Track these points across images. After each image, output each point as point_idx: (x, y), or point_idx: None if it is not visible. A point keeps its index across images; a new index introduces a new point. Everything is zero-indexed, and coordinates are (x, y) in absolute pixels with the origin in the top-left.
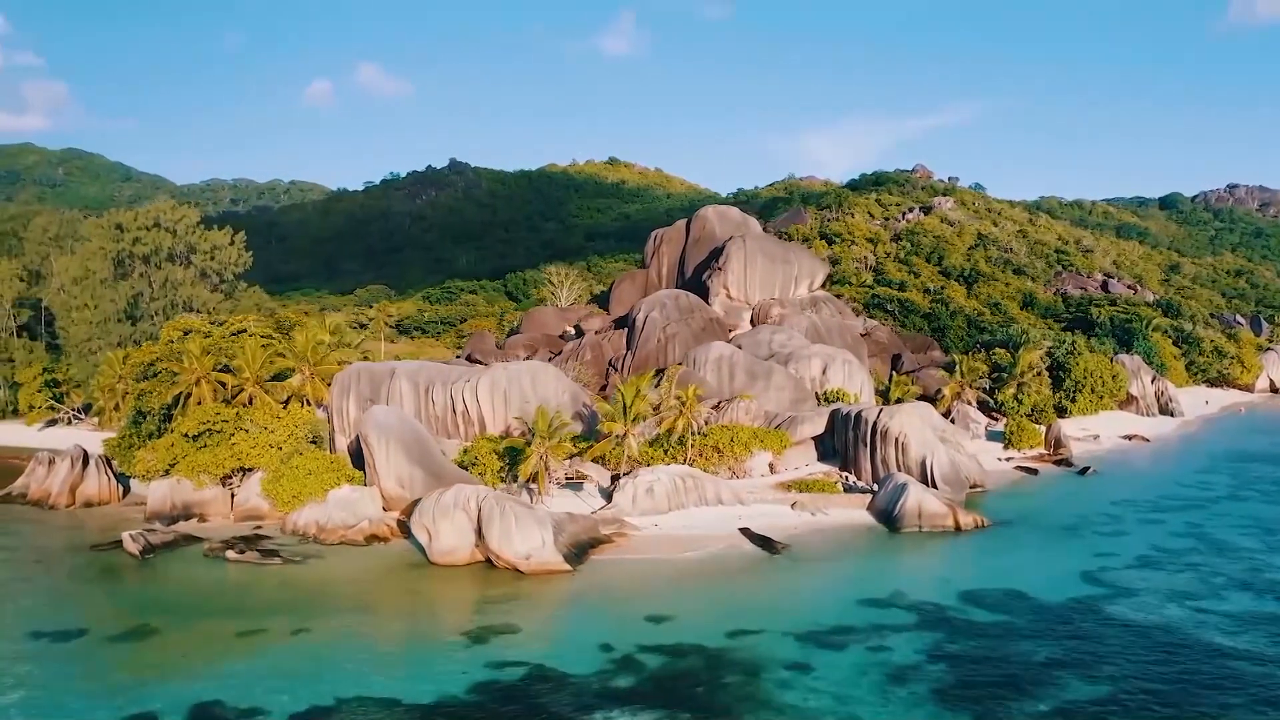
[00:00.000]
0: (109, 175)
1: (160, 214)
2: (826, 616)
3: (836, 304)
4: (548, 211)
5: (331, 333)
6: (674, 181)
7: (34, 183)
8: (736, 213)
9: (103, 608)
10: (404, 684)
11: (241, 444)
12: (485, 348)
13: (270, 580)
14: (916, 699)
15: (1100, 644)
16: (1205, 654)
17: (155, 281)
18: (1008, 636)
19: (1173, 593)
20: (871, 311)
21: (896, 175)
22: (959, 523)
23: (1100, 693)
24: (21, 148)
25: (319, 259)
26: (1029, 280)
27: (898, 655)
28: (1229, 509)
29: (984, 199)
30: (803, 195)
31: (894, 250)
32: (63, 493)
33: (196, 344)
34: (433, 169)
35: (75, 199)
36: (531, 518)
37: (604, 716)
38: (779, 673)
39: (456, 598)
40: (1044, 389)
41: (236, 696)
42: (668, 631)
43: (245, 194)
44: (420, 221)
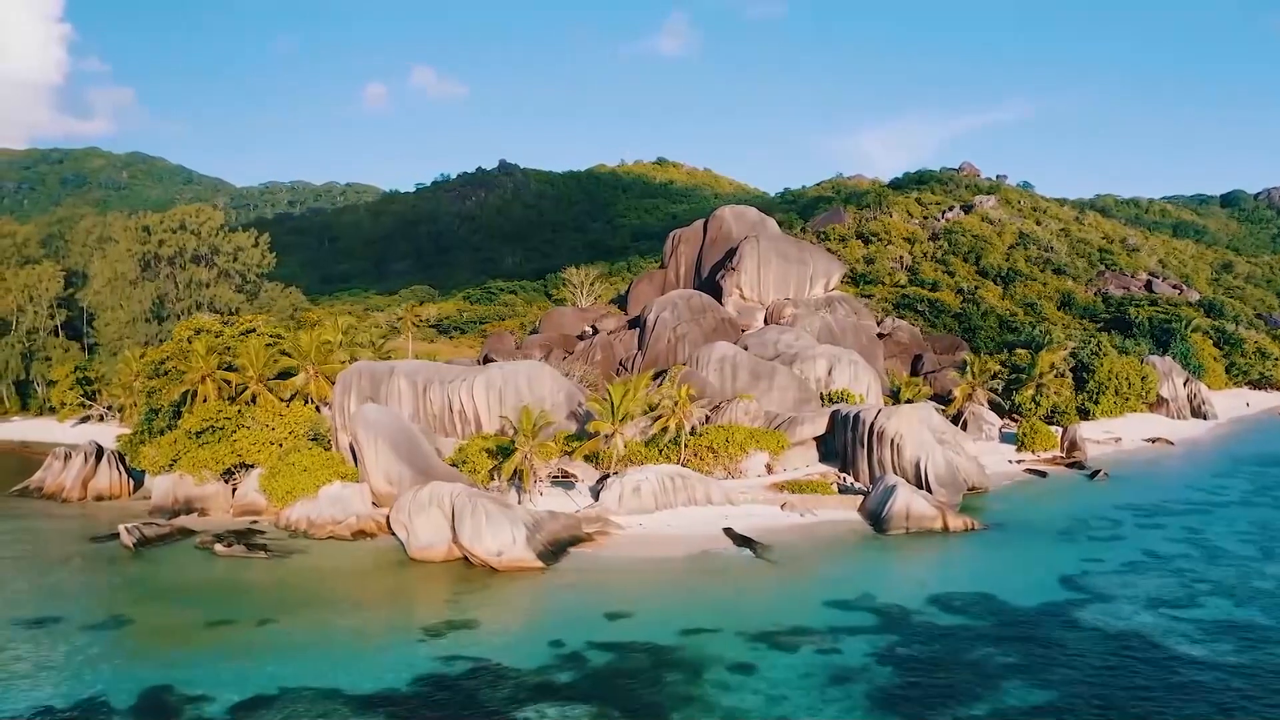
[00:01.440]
0: (171, 178)
1: (185, 216)
2: (787, 617)
3: (852, 304)
4: (595, 212)
5: (344, 333)
6: (722, 181)
7: (99, 186)
8: (754, 213)
9: (84, 597)
10: (349, 675)
11: (242, 441)
12: (503, 348)
13: (253, 573)
14: (852, 702)
15: (1058, 649)
16: (1164, 661)
17: (180, 282)
18: (966, 640)
19: (1150, 599)
20: (901, 311)
21: (941, 174)
22: (948, 525)
23: (1043, 698)
24: (87, 152)
25: (369, 260)
26: (1069, 280)
27: (847, 658)
28: (1235, 514)
29: (1031, 197)
30: (848, 194)
31: (931, 249)
32: (75, 487)
33: (202, 343)
34: (482, 170)
35: (138, 201)
36: (502, 515)
37: (535, 711)
38: (721, 673)
39: (424, 593)
40: (1064, 391)
41: (187, 683)
42: (623, 629)
43: (302, 196)
44: (469, 222)
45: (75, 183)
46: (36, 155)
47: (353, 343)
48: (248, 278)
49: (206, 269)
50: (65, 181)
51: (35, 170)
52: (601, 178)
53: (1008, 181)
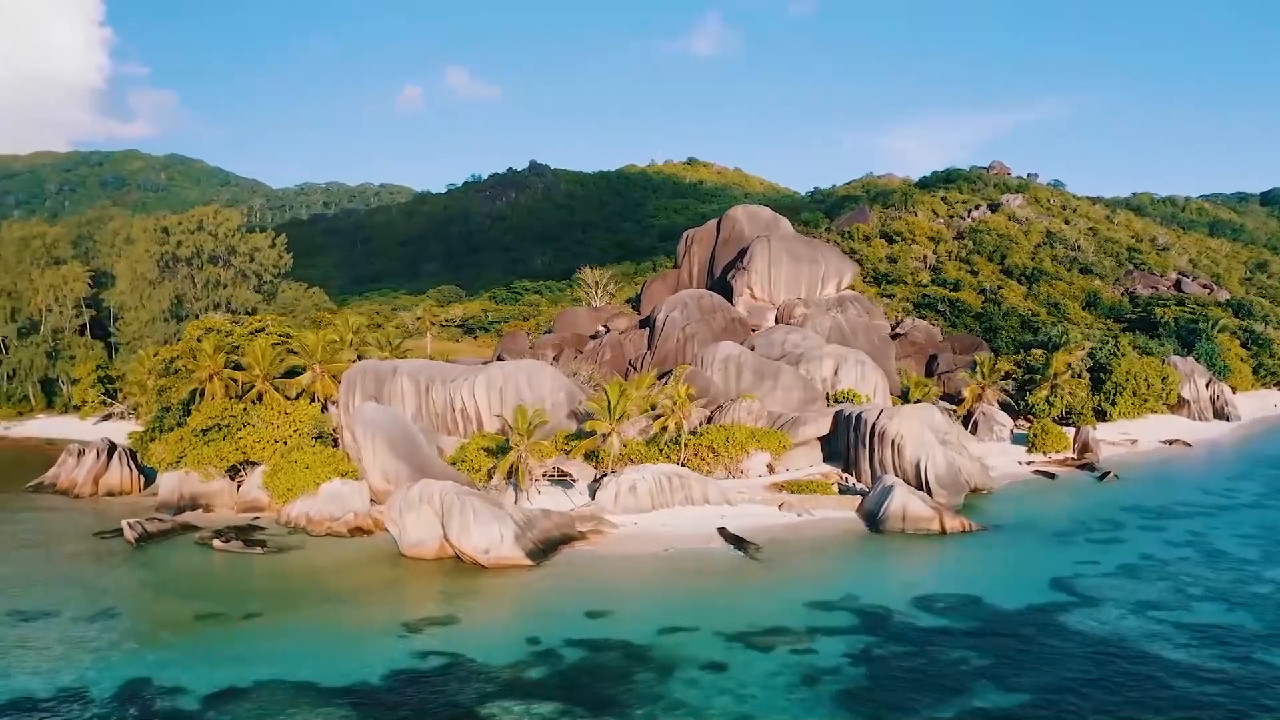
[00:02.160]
0: (209, 180)
1: (204, 218)
2: (767, 617)
3: (864, 304)
4: (625, 212)
5: (355, 332)
6: (753, 181)
7: (138, 188)
8: (767, 212)
9: (78, 590)
10: (325, 669)
11: (246, 438)
12: (517, 347)
13: (246, 568)
14: (818, 701)
15: (1035, 652)
16: (1141, 666)
17: (198, 282)
18: (944, 641)
19: (1138, 603)
20: (922, 311)
21: (970, 172)
22: (945, 526)
23: (1011, 700)
24: (127, 154)
25: (402, 260)
26: (1096, 279)
27: (821, 658)
28: (1243, 517)
29: (1061, 195)
30: (878, 194)
31: (955, 249)
32: (87, 483)
33: (210, 342)
34: (513, 170)
35: (176, 203)
36: (490, 513)
37: (499, 707)
38: (692, 671)
39: (409, 589)
40: (1079, 391)
41: (166, 675)
42: (601, 627)
43: (337, 197)
44: (500, 223)
45: (115, 184)
46: (77, 158)
47: (363, 342)
48: (264, 278)
49: (224, 269)
50: (105, 183)
51: (76, 172)
52: (632, 178)
53: (1039, 180)
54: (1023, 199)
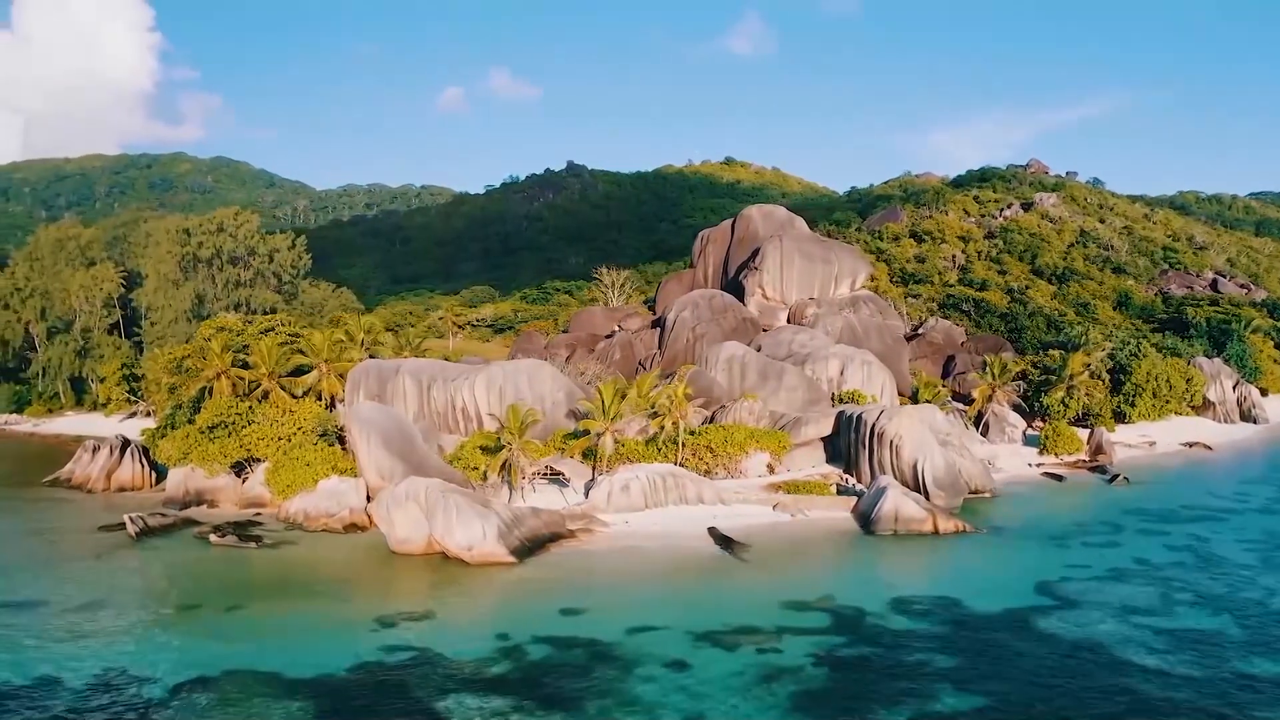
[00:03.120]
0: (254, 182)
1: (224, 219)
2: (740, 617)
3: (878, 303)
4: (661, 212)
5: (367, 332)
6: (790, 180)
7: (185, 190)
8: (782, 212)
9: (71, 581)
10: (293, 661)
11: (250, 436)
12: (533, 347)
13: (238, 562)
14: (772, 701)
15: (1003, 655)
16: (1109, 670)
17: (219, 282)
18: (912, 643)
19: (1121, 607)
20: (946, 311)
21: (1006, 171)
22: (938, 528)
23: (967, 703)
24: (175, 157)
25: (439, 260)
26: (1130, 279)
27: (785, 658)
28: (1250, 521)
29: (1099, 194)
30: (914, 192)
31: (986, 248)
32: (100, 478)
33: (218, 341)
34: (550, 172)
35: (222, 204)
36: (473, 510)
37: (455, 700)
38: (653, 669)
39: (391, 584)
40: (1097, 393)
41: (138, 665)
42: (572, 624)
43: (379, 198)
44: (536, 223)
45: (163, 187)
46: (126, 160)
47: (374, 342)
48: (284, 278)
49: (243, 270)
50: (153, 185)
51: (125, 175)
52: (668, 178)
53: (1078, 178)
54: (1057, 198)
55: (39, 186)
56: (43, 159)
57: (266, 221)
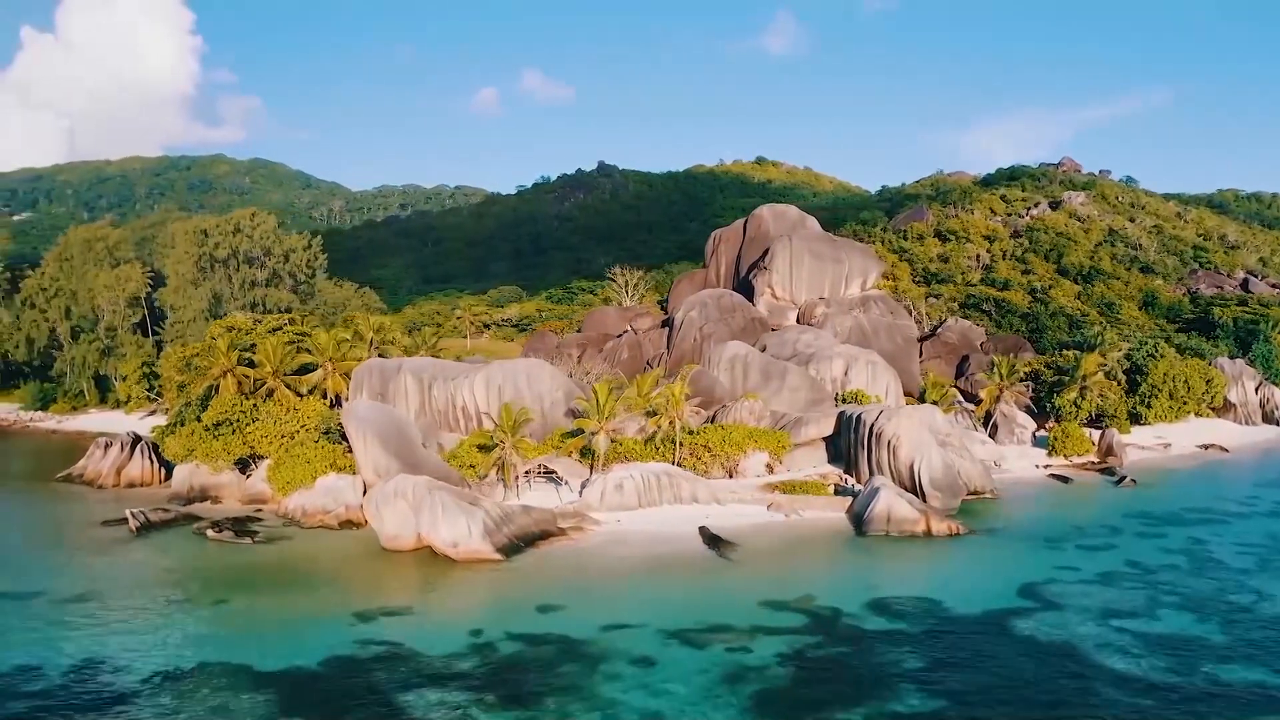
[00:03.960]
0: (291, 183)
1: (240, 220)
2: (715, 615)
3: (889, 303)
4: (691, 212)
5: (376, 331)
6: (823, 180)
7: (224, 191)
8: (794, 211)
9: (66, 574)
10: (268, 654)
11: (254, 433)
12: (544, 346)
13: (232, 557)
14: (732, 699)
15: (972, 657)
16: (1079, 674)
17: (235, 282)
18: (883, 644)
19: (1103, 610)
20: (967, 311)
21: (1036, 169)
22: (931, 529)
23: (928, 704)
24: (214, 159)
25: (471, 261)
26: (1157, 279)
27: (753, 657)
28: (1254, 525)
29: (1131, 192)
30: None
31: (1011, 247)
32: (110, 474)
33: (224, 340)
34: (581, 172)
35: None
36: (458, 507)
37: (417, 695)
38: (619, 666)
39: (376, 580)
40: (1111, 394)
41: (119, 655)
42: (548, 621)
43: (413, 199)
44: (566, 224)
45: (201, 188)
46: (166, 162)
47: (384, 341)
48: (299, 278)
49: (259, 270)
50: (192, 187)
51: (165, 176)
52: (699, 178)
53: (1111, 177)
54: (1086, 196)
55: (81, 188)
56: (85, 161)
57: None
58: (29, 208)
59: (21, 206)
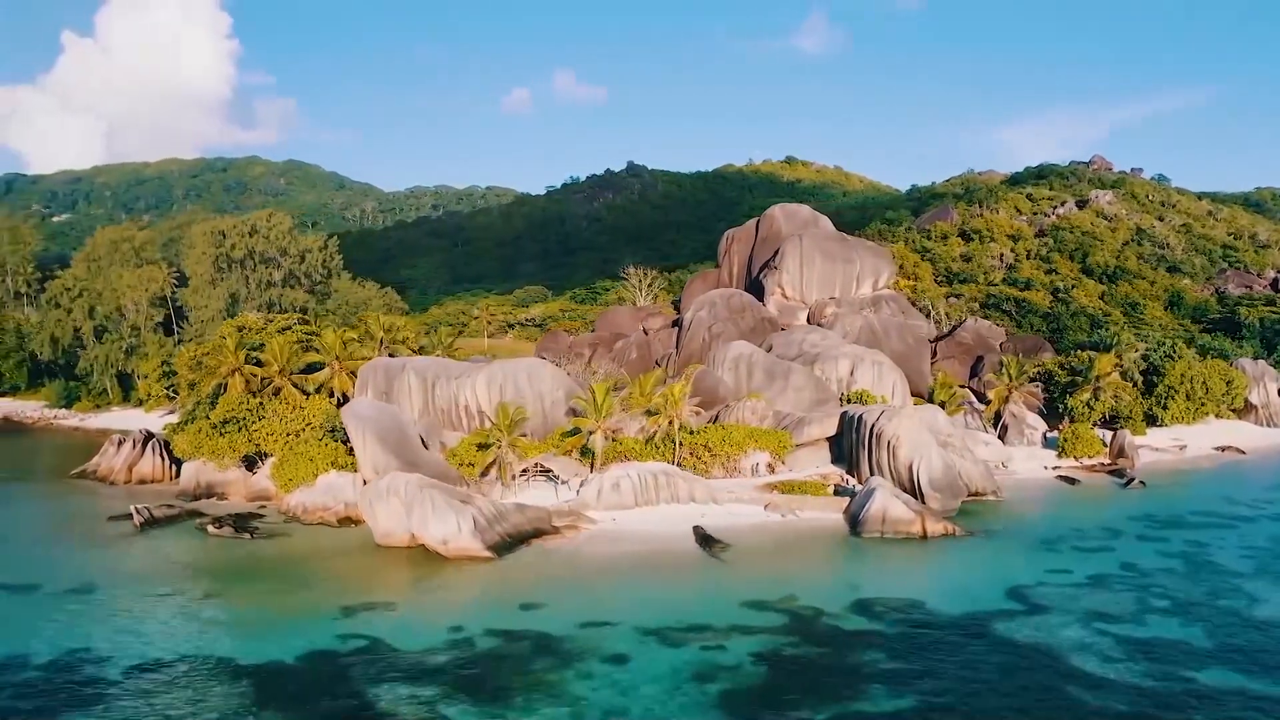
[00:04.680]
0: (325, 184)
1: (257, 221)
2: (696, 614)
3: (900, 303)
4: (720, 212)
5: (386, 331)
6: (853, 179)
7: (259, 192)
8: (806, 210)
9: (66, 567)
10: (249, 647)
11: (259, 431)
12: (557, 346)
13: (229, 552)
14: (699, 697)
15: (946, 659)
16: (1051, 677)
17: (251, 282)
18: (859, 644)
19: (1089, 614)
20: (987, 311)
21: (1066, 168)
22: (926, 530)
23: (894, 704)
24: (249, 160)
25: (500, 261)
26: (1185, 278)
27: (727, 655)
28: (1259, 529)
29: (1163, 190)
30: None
31: (1035, 247)
32: (122, 470)
33: (232, 339)
34: (610, 172)
35: (294, 206)
36: (448, 505)
37: (388, 688)
38: (592, 664)
39: (366, 576)
40: (1126, 395)
41: (106, 646)
42: (528, 618)
43: (445, 199)
44: (595, 224)
45: (237, 190)
46: (203, 164)
47: (394, 340)
48: (314, 278)
49: (275, 270)
50: (228, 189)
51: (202, 178)
52: (728, 177)
53: (1143, 175)
54: (1114, 195)
55: (119, 190)
56: (123, 163)
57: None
58: (69, 209)
59: (61, 208)
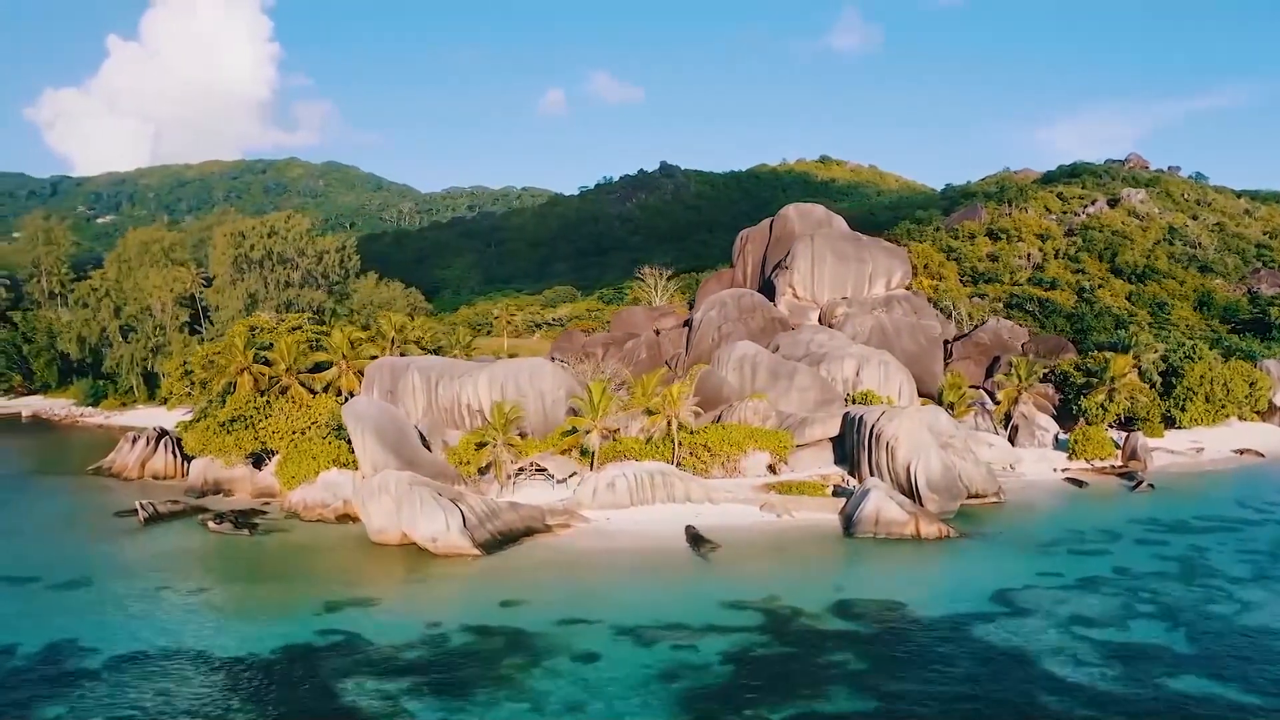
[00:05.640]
0: (363, 185)
1: (275, 223)
2: (673, 613)
3: (914, 303)
4: (753, 212)
5: (398, 330)
6: (887, 178)
7: (298, 193)
8: (820, 210)
9: (64, 561)
10: (228, 641)
11: (265, 429)
12: (571, 346)
13: (226, 548)
14: (662, 695)
15: (917, 661)
16: (1020, 681)
17: (270, 283)
18: (831, 645)
19: (1071, 617)
20: (1010, 311)
21: (1100, 166)
22: (920, 532)
23: (855, 706)
24: (288, 162)
25: (533, 261)
26: (1217, 278)
27: (698, 655)
28: (1262, 534)
29: (1199, 189)
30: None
31: (1064, 246)
32: (135, 467)
33: (241, 339)
34: (643, 172)
35: (332, 208)
36: (436, 503)
37: (353, 682)
38: (562, 661)
39: (355, 572)
40: (1142, 396)
41: (91, 637)
42: (506, 615)
43: (481, 200)
44: (627, 224)
45: (277, 191)
46: (243, 166)
47: (405, 340)
48: (332, 279)
49: (292, 271)
50: (267, 190)
51: (242, 180)
52: (762, 177)
53: (1180, 173)
54: (1146, 193)
55: (162, 192)
56: (165, 165)
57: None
58: (113, 211)
59: (106, 209)
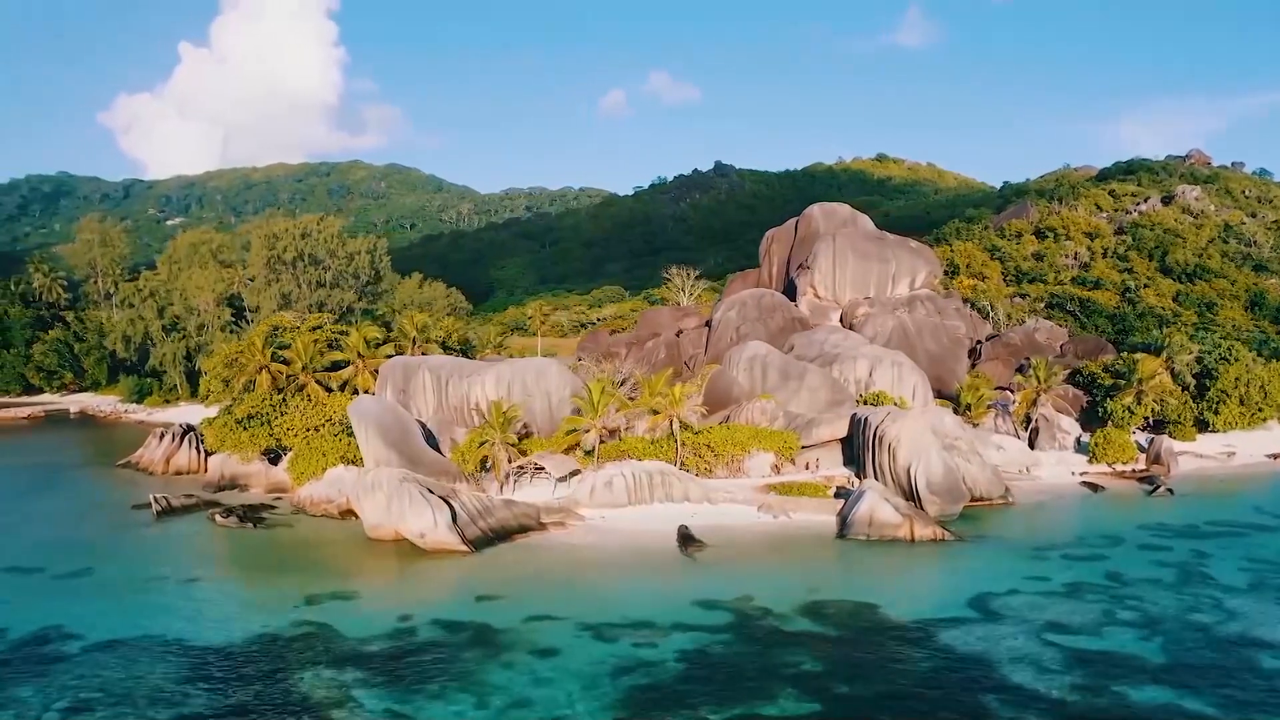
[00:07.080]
0: (424, 187)
1: (308, 225)
2: (643, 611)
3: (937, 303)
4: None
5: (420, 330)
6: (946, 176)
7: (360, 195)
8: (845, 209)
9: (72, 551)
10: (206, 629)
11: (281, 426)
12: (597, 346)
13: (228, 541)
14: (609, 691)
15: (873, 665)
16: (973, 687)
17: (302, 283)
18: (791, 646)
19: (1046, 624)
20: (1051, 311)
21: (1157, 163)
22: (914, 534)
23: (801, 708)
24: (351, 165)
25: (586, 261)
26: (1272, 277)
27: (654, 652)
28: (1271, 542)
29: (1261, 185)
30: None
31: (1113, 245)
32: (160, 462)
33: (260, 338)
34: (698, 172)
35: (394, 209)
36: (424, 500)
37: (311, 671)
38: (519, 656)
39: (343, 567)
40: (1171, 399)
41: (75, 623)
42: (478, 610)
43: (539, 201)
44: (680, 224)
45: (340, 193)
46: (307, 169)
47: (426, 340)
48: (362, 279)
49: (324, 271)
50: (332, 192)
51: (307, 182)
52: (817, 176)
53: (1245, 169)
54: (1201, 190)
55: (229, 194)
56: (233, 168)
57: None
58: (182, 213)
59: (175, 211)
